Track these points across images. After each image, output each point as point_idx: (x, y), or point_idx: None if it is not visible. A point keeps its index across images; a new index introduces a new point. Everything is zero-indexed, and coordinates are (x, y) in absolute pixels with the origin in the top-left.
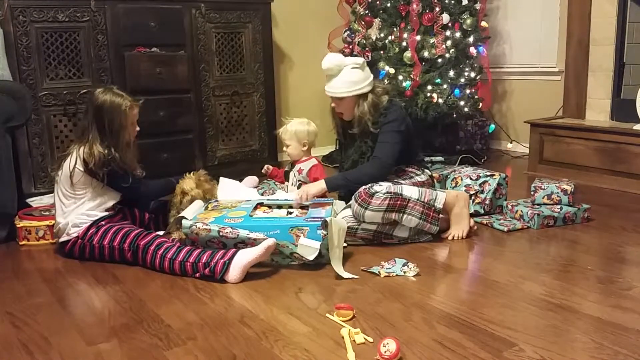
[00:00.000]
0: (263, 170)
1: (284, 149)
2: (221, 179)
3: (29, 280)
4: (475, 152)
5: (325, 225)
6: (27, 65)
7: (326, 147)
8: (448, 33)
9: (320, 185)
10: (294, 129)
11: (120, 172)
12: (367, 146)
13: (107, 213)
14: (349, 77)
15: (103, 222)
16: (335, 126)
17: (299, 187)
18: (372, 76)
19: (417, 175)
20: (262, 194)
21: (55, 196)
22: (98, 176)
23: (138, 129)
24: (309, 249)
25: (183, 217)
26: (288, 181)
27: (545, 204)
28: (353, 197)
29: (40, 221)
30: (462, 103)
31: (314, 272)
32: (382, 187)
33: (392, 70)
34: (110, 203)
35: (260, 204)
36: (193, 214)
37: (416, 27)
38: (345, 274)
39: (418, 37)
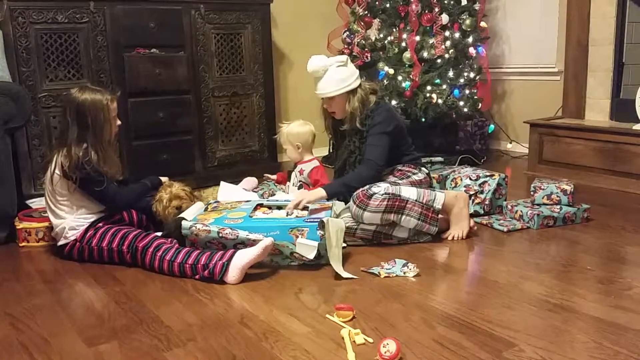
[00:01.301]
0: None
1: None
2: (221, 183)
3: (29, 281)
4: (475, 152)
5: (322, 225)
6: (27, 66)
7: (324, 148)
8: (447, 33)
9: (320, 193)
10: (286, 132)
11: (94, 176)
12: (355, 145)
13: (103, 214)
14: (336, 76)
15: (101, 224)
16: (327, 127)
17: (299, 188)
18: (357, 71)
19: (414, 174)
20: (262, 196)
21: (45, 203)
22: (72, 179)
23: (119, 123)
24: (307, 247)
25: (183, 218)
26: (289, 181)
27: (544, 204)
28: (351, 198)
29: (40, 222)
30: (461, 103)
31: (313, 273)
32: (381, 188)
33: (391, 71)
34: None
35: (260, 205)
36: (193, 215)
37: (415, 27)
38: (345, 274)
39: (417, 38)
